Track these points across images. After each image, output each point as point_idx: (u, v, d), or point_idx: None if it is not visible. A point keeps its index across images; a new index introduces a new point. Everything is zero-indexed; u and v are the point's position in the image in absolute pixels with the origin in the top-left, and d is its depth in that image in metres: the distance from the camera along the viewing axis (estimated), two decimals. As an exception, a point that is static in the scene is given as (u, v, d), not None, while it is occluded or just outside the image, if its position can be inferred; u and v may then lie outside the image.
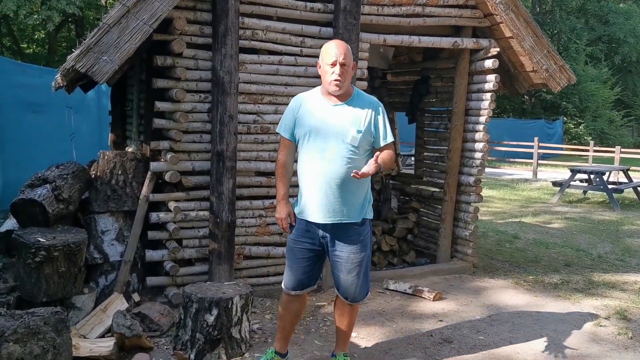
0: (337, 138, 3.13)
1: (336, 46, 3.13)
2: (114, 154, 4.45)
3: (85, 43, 3.81)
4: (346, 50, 3.12)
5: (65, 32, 21.21)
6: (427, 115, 6.31)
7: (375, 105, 3.23)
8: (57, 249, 3.72)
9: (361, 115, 3.16)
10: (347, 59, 3.10)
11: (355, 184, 3.15)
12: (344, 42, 3.22)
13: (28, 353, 3.07)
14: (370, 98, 3.27)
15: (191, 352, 3.58)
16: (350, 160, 3.12)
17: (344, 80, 3.11)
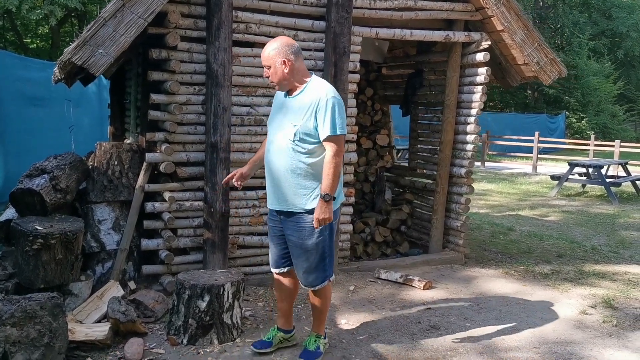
0: (280, 131, 3.30)
1: (265, 48, 3.30)
2: (110, 145, 4.55)
3: (81, 36, 3.91)
4: (269, 52, 3.25)
5: (68, 27, 21.31)
6: (420, 108, 6.39)
7: (320, 98, 3.18)
8: (55, 237, 3.83)
9: (302, 110, 3.22)
10: (269, 60, 3.24)
11: (299, 176, 3.25)
12: (275, 42, 3.29)
13: (25, 336, 3.18)
14: (318, 90, 3.24)
15: (184, 337, 3.69)
16: (293, 153, 3.24)
17: (274, 79, 3.27)
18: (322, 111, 3.16)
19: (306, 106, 3.21)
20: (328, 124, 3.16)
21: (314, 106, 3.18)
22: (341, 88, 4.83)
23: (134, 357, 3.45)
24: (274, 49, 3.24)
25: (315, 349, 3.53)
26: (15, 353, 3.14)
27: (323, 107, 3.16)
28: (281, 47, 3.24)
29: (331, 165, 3.17)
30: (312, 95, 3.22)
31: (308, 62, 4.81)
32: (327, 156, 3.19)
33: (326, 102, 3.17)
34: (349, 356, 3.59)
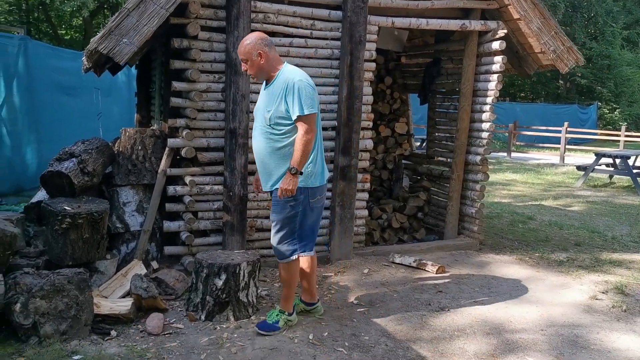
0: (258, 118, 3.67)
1: (240, 44, 3.57)
2: (134, 130, 4.76)
3: (107, 26, 4.11)
4: (244, 47, 3.53)
5: (100, 18, 21.79)
6: (438, 96, 6.47)
7: (288, 82, 3.47)
8: (82, 217, 4.06)
9: (274, 96, 3.53)
10: (245, 54, 3.52)
11: (278, 157, 3.58)
12: (248, 38, 3.56)
13: (53, 308, 3.41)
14: (286, 76, 3.51)
15: (202, 313, 3.88)
16: (270, 136, 3.57)
17: (253, 72, 3.58)
18: (291, 94, 3.45)
19: (277, 92, 3.51)
20: (297, 105, 3.43)
21: (284, 91, 3.47)
22: (357, 76, 4.95)
23: (154, 330, 3.65)
24: (249, 43, 3.52)
25: (273, 322, 3.73)
26: (45, 324, 3.37)
27: (291, 90, 3.45)
28: (255, 41, 3.53)
29: (301, 142, 3.45)
30: (281, 82, 3.51)
31: (325, 51, 4.94)
32: (298, 134, 3.47)
33: (293, 85, 3.45)
34: (358, 334, 3.73)
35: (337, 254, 5.15)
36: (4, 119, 7.55)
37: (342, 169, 5.06)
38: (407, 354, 3.46)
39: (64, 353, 3.26)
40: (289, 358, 3.35)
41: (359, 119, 5.06)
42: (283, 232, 3.68)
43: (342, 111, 4.99)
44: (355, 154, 5.09)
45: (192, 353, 3.38)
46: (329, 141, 5.10)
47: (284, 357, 3.37)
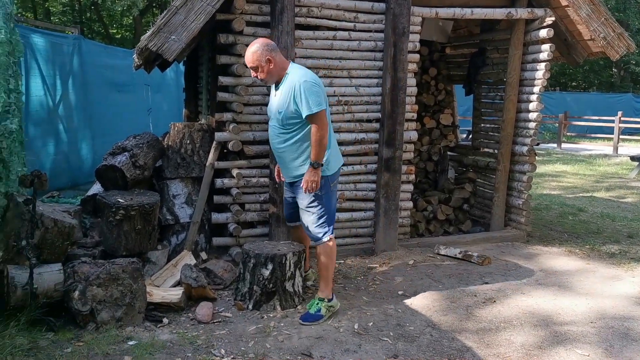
0: (272, 119, 3.92)
1: (246, 54, 3.73)
2: (183, 125, 4.89)
3: (156, 24, 4.24)
4: (251, 56, 3.69)
5: (149, 16, 22.32)
6: (483, 86, 6.38)
7: (295, 84, 3.66)
8: (134, 209, 4.21)
9: (284, 97, 3.74)
10: (253, 62, 3.69)
11: (290, 154, 3.87)
12: (253, 45, 3.70)
13: (109, 296, 3.57)
14: (292, 78, 3.71)
15: (249, 303, 3.98)
16: (283, 135, 3.84)
17: (263, 77, 3.75)
18: (298, 95, 3.64)
19: (286, 93, 3.72)
20: (305, 106, 3.63)
21: (292, 92, 3.68)
22: (401, 68, 4.95)
23: (204, 319, 3.76)
24: (256, 51, 3.68)
25: (316, 312, 3.84)
26: (101, 310, 3.53)
27: (298, 91, 3.64)
28: (262, 48, 3.68)
29: (315, 138, 3.68)
30: (289, 84, 3.71)
31: (368, 44, 4.96)
32: (312, 132, 3.69)
33: (300, 86, 3.64)
34: (403, 324, 3.75)
35: (382, 245, 5.18)
36: (60, 116, 7.87)
37: (386, 160, 5.07)
38: (453, 345, 3.46)
39: (120, 339, 3.40)
40: (334, 347, 3.41)
41: (402, 110, 5.06)
42: (315, 216, 3.91)
43: (385, 103, 5.00)
44: (399, 146, 5.09)
45: (240, 341, 3.47)
46: (373, 133, 5.12)
47: (329, 345, 3.43)
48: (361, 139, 5.09)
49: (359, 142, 5.10)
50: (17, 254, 3.63)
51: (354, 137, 5.06)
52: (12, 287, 3.42)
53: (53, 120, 7.72)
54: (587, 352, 3.41)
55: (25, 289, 3.44)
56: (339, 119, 5.00)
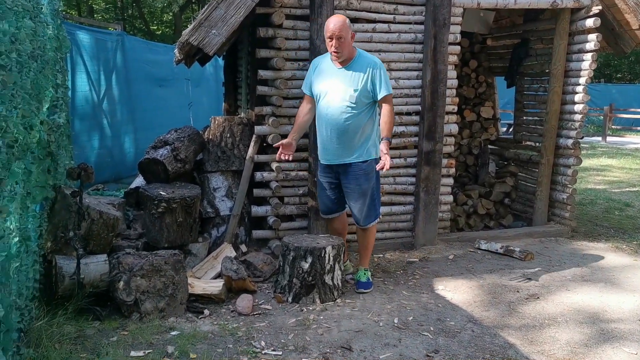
0: (339, 97, 3.94)
1: (332, 22, 3.83)
2: (223, 118, 4.94)
3: (197, 19, 4.29)
4: (341, 24, 3.79)
5: (189, 12, 22.61)
6: (526, 78, 6.24)
7: (373, 65, 3.90)
8: (176, 202, 4.28)
9: (359, 76, 3.90)
10: (342, 31, 3.78)
11: (353, 133, 3.96)
12: (341, 17, 3.86)
13: (152, 287, 3.63)
14: (369, 59, 3.93)
15: (289, 295, 4.00)
16: (350, 114, 3.93)
17: (341, 50, 3.85)
18: (377, 76, 3.89)
19: (362, 74, 3.89)
20: (385, 86, 3.90)
21: (369, 73, 3.88)
22: (441, 60, 4.88)
23: (244, 310, 3.80)
24: (343, 22, 3.81)
25: (367, 280, 4.19)
26: (145, 301, 3.60)
27: (377, 72, 3.89)
28: (347, 23, 3.84)
29: (391, 117, 3.92)
30: (364, 64, 3.91)
31: (408, 36, 4.91)
32: (387, 110, 3.92)
33: (379, 68, 3.90)
34: (444, 319, 3.72)
35: (422, 239, 5.13)
36: (104, 110, 8.05)
37: (427, 154, 5.02)
38: (495, 341, 3.41)
39: (163, 329, 3.46)
40: (374, 340, 3.40)
41: (443, 103, 5.00)
42: (371, 199, 4.11)
43: (426, 96, 4.94)
44: (439, 139, 5.03)
45: (280, 333, 3.49)
46: (413, 126, 5.07)
47: (369, 339, 3.41)
48: (401, 132, 5.05)
49: (398, 135, 5.06)
50: (64, 244, 3.73)
51: (394, 130, 5.01)
52: (60, 277, 3.52)
53: (97, 115, 7.90)
54: (635, 350, 3.31)
55: (73, 278, 3.53)
56: (379, 112, 4.96)
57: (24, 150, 2.48)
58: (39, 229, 3.32)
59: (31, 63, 2.55)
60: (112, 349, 3.13)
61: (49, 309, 3.41)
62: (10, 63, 2.03)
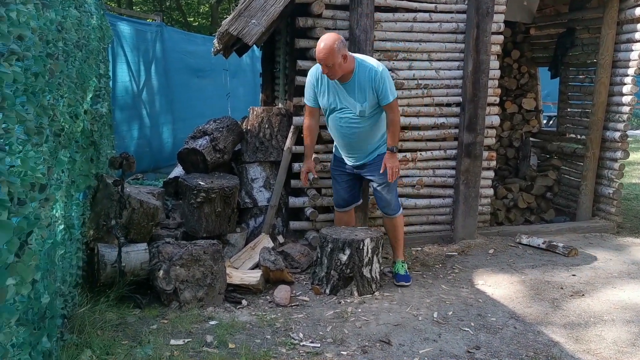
0: (348, 110, 3.96)
1: (320, 48, 3.70)
2: (261, 109, 4.93)
3: (237, 9, 4.28)
4: (327, 52, 3.66)
5: (225, 4, 22.71)
6: (571, 69, 6.06)
7: (374, 74, 3.81)
8: (215, 192, 4.30)
9: (362, 89, 3.86)
10: (329, 59, 3.68)
11: (367, 139, 4.04)
12: (328, 41, 3.67)
13: (191, 276, 3.65)
14: (369, 68, 3.83)
15: (326, 287, 3.98)
16: (360, 123, 3.97)
17: (334, 74, 3.79)
18: (380, 84, 3.82)
19: (364, 84, 3.84)
20: (389, 92, 3.85)
21: (371, 82, 3.82)
22: (483, 50, 4.77)
23: (282, 302, 3.79)
24: (329, 49, 3.66)
25: (405, 272, 4.20)
26: (184, 290, 3.62)
27: (379, 79, 3.81)
28: (336, 46, 3.67)
29: (395, 123, 3.97)
30: (365, 75, 3.83)
31: (449, 25, 4.81)
32: (390, 117, 3.95)
33: (381, 74, 3.81)
34: (484, 314, 3.64)
35: (461, 233, 5.04)
36: (144, 101, 8.14)
37: (467, 146, 4.92)
38: (538, 338, 3.32)
39: (202, 318, 3.48)
40: (413, 335, 3.35)
41: (485, 94, 4.88)
42: (394, 191, 4.20)
43: (467, 86, 4.84)
44: (480, 131, 4.92)
45: (318, 325, 3.47)
46: (453, 117, 4.98)
47: (408, 333, 3.37)
48: (441, 123, 4.96)
49: (438, 126, 4.97)
50: (106, 232, 3.78)
51: (434, 121, 4.94)
52: (102, 265, 3.57)
53: (137, 105, 8.01)
54: (687, 352, 3.19)
55: (114, 266, 3.58)
56: (418, 102, 4.88)
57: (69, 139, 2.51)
58: (82, 217, 3.37)
59: (76, 52, 2.57)
60: (153, 337, 3.16)
61: (91, 296, 3.46)
62: (57, 52, 2.05)
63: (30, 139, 1.66)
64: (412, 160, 4.95)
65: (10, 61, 1.46)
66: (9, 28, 1.47)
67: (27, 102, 1.62)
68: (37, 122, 1.75)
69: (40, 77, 1.75)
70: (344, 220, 4.44)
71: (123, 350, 2.96)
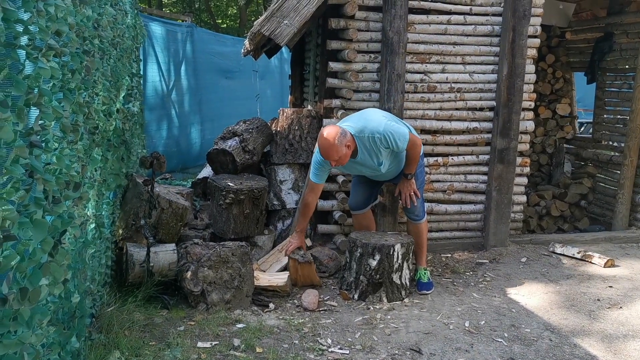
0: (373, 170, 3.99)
1: (322, 151, 3.69)
2: (291, 111, 4.89)
3: (269, 9, 4.25)
4: (332, 154, 3.64)
5: (254, 6, 22.81)
6: (608, 74, 5.90)
7: (377, 141, 3.73)
8: (244, 193, 4.27)
9: (374, 155, 3.81)
10: (333, 156, 3.65)
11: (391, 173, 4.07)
12: (327, 143, 3.62)
13: (219, 278, 3.62)
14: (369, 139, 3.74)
15: (355, 293, 3.91)
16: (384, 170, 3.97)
17: (342, 162, 3.72)
18: (388, 144, 3.73)
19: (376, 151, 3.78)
20: (401, 144, 3.77)
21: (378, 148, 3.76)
22: (519, 53, 4.66)
23: (310, 306, 3.74)
24: (333, 145, 3.61)
25: (428, 280, 4.11)
26: (211, 292, 3.59)
27: (385, 141, 3.72)
28: (337, 141, 3.61)
29: (414, 157, 3.94)
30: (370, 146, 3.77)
31: (484, 28, 4.71)
32: (409, 154, 3.92)
33: (384, 138, 3.71)
34: (518, 325, 3.54)
35: (492, 240, 4.93)
36: (173, 101, 8.18)
37: (500, 151, 4.81)
38: (575, 352, 3.21)
39: (229, 321, 3.44)
40: (444, 344, 3.26)
41: (519, 98, 4.77)
42: (422, 198, 4.19)
43: (501, 91, 4.73)
44: (514, 136, 4.81)
45: (347, 331, 3.41)
46: (486, 122, 4.87)
47: (439, 342, 3.28)
48: (473, 128, 4.86)
49: (470, 131, 4.87)
50: (135, 232, 3.77)
51: (466, 126, 4.84)
52: (131, 264, 3.56)
53: (166, 105, 8.04)
54: None
55: (143, 266, 3.56)
56: (451, 106, 4.79)
57: (102, 138, 2.49)
58: (112, 216, 3.36)
59: (111, 50, 2.56)
60: (180, 338, 3.13)
61: (119, 296, 3.45)
62: (93, 49, 2.03)
63: (65, 136, 1.63)
64: (443, 164, 4.86)
65: (48, 56, 1.43)
66: (47, 23, 1.45)
67: (64, 98, 1.59)
68: (73, 120, 1.73)
69: (77, 73, 1.72)
70: (364, 224, 4.37)
71: (151, 352, 2.94)
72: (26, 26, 1.29)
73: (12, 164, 1.20)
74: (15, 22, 1.21)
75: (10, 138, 1.13)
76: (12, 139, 1.15)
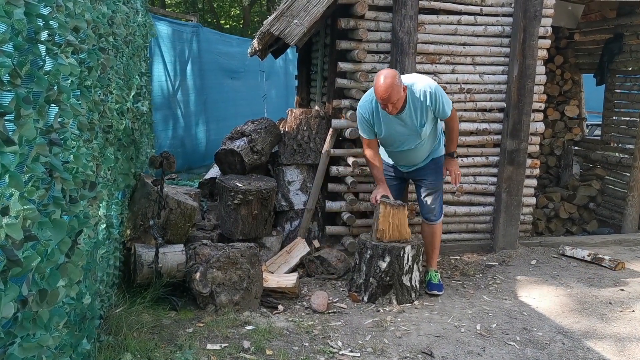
0: (409, 137, 3.87)
1: (381, 89, 3.53)
2: (300, 111, 4.85)
3: (279, 8, 4.21)
4: (389, 91, 3.51)
5: (257, 7, 22.78)
6: (618, 76, 5.86)
7: (427, 96, 3.70)
8: (252, 194, 4.23)
9: (420, 113, 3.76)
10: (392, 96, 3.54)
11: (424, 150, 3.98)
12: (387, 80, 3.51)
13: (228, 279, 3.59)
14: (420, 91, 3.70)
15: (364, 295, 3.88)
16: (420, 143, 3.91)
17: (398, 107, 3.65)
18: (435, 102, 3.72)
19: (423, 108, 3.74)
20: (446, 108, 3.78)
21: (424, 104, 3.72)
22: (530, 54, 4.63)
23: (319, 308, 3.70)
24: (390, 87, 3.51)
25: (439, 282, 4.08)
26: (220, 293, 3.56)
27: (434, 98, 3.71)
28: (397, 80, 3.54)
29: (454, 130, 4.00)
30: (418, 98, 3.72)
31: (495, 28, 4.68)
32: (450, 126, 3.96)
33: (434, 94, 3.70)
34: (530, 328, 3.50)
35: (501, 242, 4.89)
36: (179, 101, 8.15)
37: (510, 153, 4.77)
38: (588, 355, 3.17)
39: (238, 322, 3.41)
40: (456, 347, 3.23)
41: (530, 100, 4.73)
42: (440, 196, 4.14)
43: (511, 92, 4.69)
44: (524, 138, 4.77)
45: (357, 333, 3.37)
46: (496, 123, 4.83)
47: (451, 345, 3.25)
48: (483, 129, 4.82)
49: (480, 132, 4.84)
50: (143, 232, 3.74)
51: (476, 127, 4.80)
52: (139, 265, 3.52)
53: (172, 105, 8.01)
54: None
55: (151, 267, 3.53)
56: (460, 107, 4.75)
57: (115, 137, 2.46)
58: (120, 216, 3.33)
59: (124, 48, 2.53)
60: (189, 340, 3.10)
61: (127, 297, 3.42)
62: (108, 46, 2.00)
63: (82, 134, 1.60)
64: (452, 166, 4.82)
65: (67, 53, 1.40)
66: (66, 19, 1.41)
67: (81, 96, 1.56)
68: (89, 118, 1.70)
69: (94, 71, 1.69)
70: None
71: (162, 354, 2.90)
72: (46, 21, 1.26)
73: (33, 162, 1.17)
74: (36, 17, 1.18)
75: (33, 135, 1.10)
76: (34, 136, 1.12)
